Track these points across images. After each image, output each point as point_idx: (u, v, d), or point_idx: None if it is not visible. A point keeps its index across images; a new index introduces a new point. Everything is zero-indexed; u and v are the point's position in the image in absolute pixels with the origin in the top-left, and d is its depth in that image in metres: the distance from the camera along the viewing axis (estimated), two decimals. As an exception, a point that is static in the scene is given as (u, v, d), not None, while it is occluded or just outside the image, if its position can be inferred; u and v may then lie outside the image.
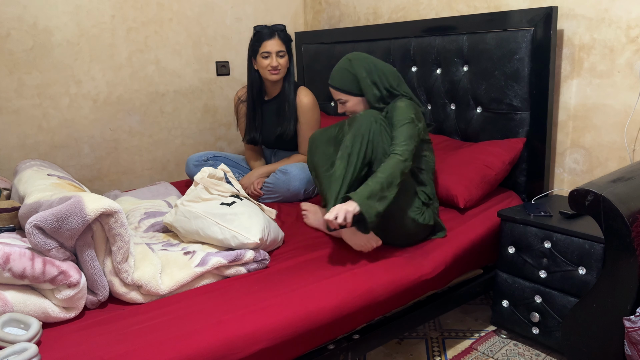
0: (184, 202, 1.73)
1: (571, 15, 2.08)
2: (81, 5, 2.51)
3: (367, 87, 1.80)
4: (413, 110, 1.74)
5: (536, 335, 1.84)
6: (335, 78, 1.85)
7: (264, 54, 2.27)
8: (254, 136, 2.44)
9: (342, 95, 1.85)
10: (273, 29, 2.28)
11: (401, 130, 1.68)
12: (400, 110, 1.72)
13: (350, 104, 1.85)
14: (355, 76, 1.80)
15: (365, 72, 1.80)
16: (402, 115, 1.71)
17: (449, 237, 1.83)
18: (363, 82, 1.80)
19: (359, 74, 1.80)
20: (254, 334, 1.30)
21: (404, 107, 1.73)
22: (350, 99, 1.84)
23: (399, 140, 1.67)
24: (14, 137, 2.44)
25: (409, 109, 1.73)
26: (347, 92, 1.83)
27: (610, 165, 2.06)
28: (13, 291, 1.28)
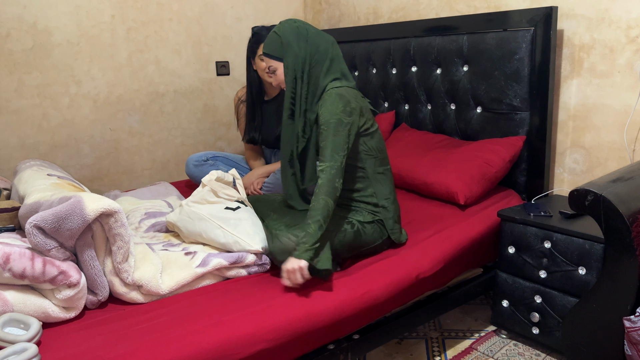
0: (189, 202, 1.73)
1: (571, 15, 2.08)
2: (81, 5, 2.51)
3: (288, 54, 1.61)
4: (342, 103, 1.54)
5: (536, 335, 1.84)
6: (265, 44, 1.67)
7: (261, 56, 2.27)
8: (254, 136, 2.44)
9: (270, 62, 1.65)
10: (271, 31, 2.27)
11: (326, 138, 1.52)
12: (325, 108, 1.55)
13: (280, 71, 1.66)
14: (281, 41, 1.62)
15: (292, 36, 1.61)
16: (328, 114, 1.53)
17: (448, 234, 1.82)
18: (286, 49, 1.61)
19: (285, 37, 1.61)
20: (254, 334, 1.29)
21: (329, 104, 1.55)
22: (279, 65, 1.65)
23: (324, 153, 1.51)
24: (14, 137, 2.43)
25: (336, 103, 1.54)
26: (274, 57, 1.64)
27: (610, 165, 2.06)
28: (13, 291, 1.27)
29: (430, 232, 1.83)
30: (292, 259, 1.43)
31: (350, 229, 1.62)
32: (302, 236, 1.47)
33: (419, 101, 2.52)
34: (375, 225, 1.68)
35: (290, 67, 1.61)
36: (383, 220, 1.69)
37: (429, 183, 2.09)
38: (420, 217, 1.96)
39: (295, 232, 1.54)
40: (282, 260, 1.51)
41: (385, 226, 1.69)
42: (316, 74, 1.62)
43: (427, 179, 2.10)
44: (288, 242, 1.52)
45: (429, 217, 1.95)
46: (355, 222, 1.64)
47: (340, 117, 1.53)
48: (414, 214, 1.99)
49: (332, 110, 1.54)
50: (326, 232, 1.51)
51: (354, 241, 1.62)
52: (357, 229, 1.63)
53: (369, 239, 1.66)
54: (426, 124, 2.52)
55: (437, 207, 2.04)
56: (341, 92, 1.57)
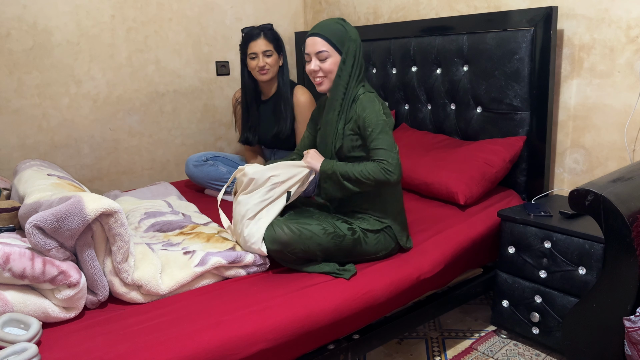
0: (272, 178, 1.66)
1: (571, 15, 2.07)
2: (81, 5, 2.50)
3: (350, 51, 1.61)
4: (379, 105, 1.60)
5: (536, 335, 1.84)
6: (322, 27, 1.62)
7: (251, 55, 2.28)
8: (247, 136, 2.45)
9: (326, 47, 1.60)
10: (260, 29, 2.28)
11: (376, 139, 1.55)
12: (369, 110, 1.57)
13: (332, 61, 1.61)
14: (347, 34, 1.61)
15: (356, 36, 1.63)
16: (374, 116, 1.56)
17: (448, 235, 1.83)
18: (349, 44, 1.60)
19: (351, 34, 1.62)
20: (254, 334, 1.29)
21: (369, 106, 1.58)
22: (334, 54, 1.61)
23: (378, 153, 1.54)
24: (14, 137, 2.43)
25: (376, 105, 1.58)
26: (333, 44, 1.60)
27: (610, 165, 2.06)
28: (13, 291, 1.27)
29: (430, 233, 1.83)
30: (318, 161, 1.63)
31: (350, 236, 1.60)
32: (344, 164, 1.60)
33: (419, 101, 2.52)
34: (381, 236, 1.66)
35: (350, 63, 1.62)
36: (391, 226, 1.68)
37: (429, 183, 2.09)
38: (421, 218, 1.96)
39: (291, 225, 1.54)
40: (272, 250, 1.53)
41: (394, 232, 1.68)
42: (360, 78, 1.65)
43: (427, 179, 2.10)
44: (281, 233, 1.52)
45: (429, 218, 1.95)
46: (358, 230, 1.63)
47: (383, 117, 1.57)
48: (414, 214, 1.99)
49: (376, 112, 1.57)
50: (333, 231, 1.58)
51: (352, 248, 1.61)
52: (358, 237, 1.62)
53: (370, 249, 1.64)
54: (426, 124, 2.52)
55: (437, 207, 2.04)
56: (376, 96, 1.63)
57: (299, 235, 1.52)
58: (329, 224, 1.59)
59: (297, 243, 1.52)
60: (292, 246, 1.52)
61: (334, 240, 1.57)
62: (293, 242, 1.52)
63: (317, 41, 1.61)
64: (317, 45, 1.61)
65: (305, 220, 1.59)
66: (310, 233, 1.54)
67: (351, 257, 1.63)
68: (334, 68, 1.62)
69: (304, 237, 1.53)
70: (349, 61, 1.61)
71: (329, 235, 1.56)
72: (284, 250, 1.52)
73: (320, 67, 1.63)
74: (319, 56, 1.62)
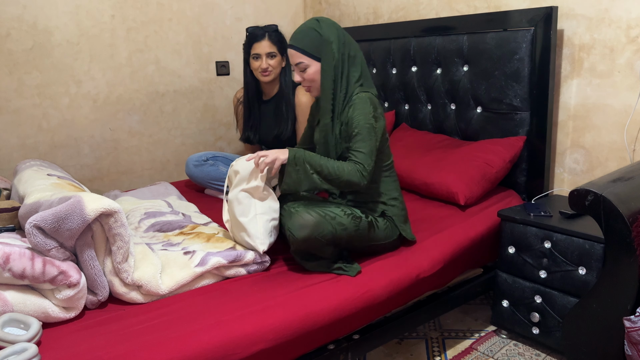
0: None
1: (571, 15, 2.07)
2: (81, 5, 2.51)
3: (328, 55, 1.57)
4: (372, 108, 1.57)
5: (536, 335, 1.84)
6: (297, 37, 1.59)
7: (255, 56, 2.28)
8: (249, 135, 2.45)
9: (303, 58, 1.59)
10: (264, 30, 2.27)
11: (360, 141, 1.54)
12: (358, 111, 1.56)
13: (312, 70, 1.60)
14: (322, 37, 1.57)
15: (334, 36, 1.58)
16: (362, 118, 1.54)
17: (448, 234, 1.83)
18: (326, 48, 1.56)
19: (327, 36, 1.57)
20: (254, 334, 1.29)
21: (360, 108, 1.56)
22: (312, 63, 1.59)
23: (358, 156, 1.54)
24: (14, 137, 2.43)
25: (368, 107, 1.56)
26: (309, 54, 1.58)
27: (610, 165, 2.06)
28: (13, 291, 1.27)
29: (430, 232, 1.83)
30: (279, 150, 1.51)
31: (365, 218, 1.62)
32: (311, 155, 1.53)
33: (419, 101, 2.52)
34: (387, 222, 1.69)
35: (330, 67, 1.58)
36: (393, 217, 1.70)
37: (429, 183, 2.09)
38: (421, 218, 1.96)
39: (316, 209, 1.52)
40: (301, 237, 1.48)
41: (395, 223, 1.70)
42: (351, 77, 1.61)
43: (427, 179, 2.10)
44: (309, 217, 1.49)
45: (429, 218, 1.95)
46: (370, 215, 1.65)
47: (372, 122, 1.55)
48: (414, 215, 1.99)
49: (365, 114, 1.55)
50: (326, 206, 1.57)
51: (368, 232, 1.62)
52: (371, 220, 1.64)
53: (381, 234, 1.66)
54: (426, 124, 2.52)
55: (437, 207, 2.04)
56: (370, 96, 1.60)
57: (324, 217, 1.51)
58: (346, 207, 1.61)
59: (325, 224, 1.50)
60: (321, 228, 1.49)
61: (354, 222, 1.58)
62: (322, 224, 1.50)
63: (292, 53, 1.61)
64: (294, 57, 1.61)
65: (324, 205, 1.59)
66: (333, 214, 1.54)
67: (366, 243, 1.64)
68: (316, 76, 1.62)
69: (329, 219, 1.52)
70: (329, 65, 1.58)
71: (348, 217, 1.57)
72: (314, 234, 1.48)
73: (303, 77, 1.64)
74: (298, 67, 1.62)
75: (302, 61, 1.60)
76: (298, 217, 1.50)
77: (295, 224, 1.49)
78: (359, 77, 1.63)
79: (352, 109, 1.58)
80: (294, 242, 1.51)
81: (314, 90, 1.67)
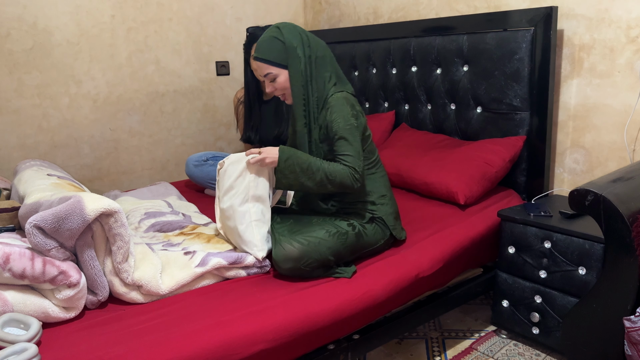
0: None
1: (571, 15, 2.07)
2: (81, 5, 2.51)
3: (294, 60, 1.56)
4: (350, 107, 1.56)
5: (536, 335, 1.84)
6: (260, 49, 1.57)
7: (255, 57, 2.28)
8: (249, 135, 2.45)
9: (271, 69, 1.58)
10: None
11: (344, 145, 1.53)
12: (336, 114, 1.54)
13: (282, 79, 1.59)
14: (285, 46, 1.56)
15: (297, 41, 1.57)
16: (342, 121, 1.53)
17: (448, 234, 1.83)
18: (291, 55, 1.55)
19: (289, 42, 1.56)
20: (254, 335, 1.29)
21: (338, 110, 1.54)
22: (280, 72, 1.58)
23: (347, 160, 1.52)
24: (14, 137, 2.43)
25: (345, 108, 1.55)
26: (276, 64, 1.57)
27: (610, 165, 2.06)
28: (13, 291, 1.27)
29: (430, 232, 1.83)
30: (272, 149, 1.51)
31: (352, 231, 1.61)
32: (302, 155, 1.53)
33: (419, 101, 2.52)
34: (376, 225, 1.67)
35: (298, 72, 1.57)
36: (382, 217, 1.68)
37: (429, 183, 2.09)
38: (420, 217, 1.96)
39: (298, 239, 1.52)
40: (286, 268, 1.49)
41: (386, 222, 1.68)
42: (322, 78, 1.60)
43: (427, 178, 2.10)
44: (291, 249, 1.49)
45: (429, 217, 1.95)
46: (356, 224, 1.64)
47: (352, 122, 1.54)
48: (414, 214, 1.99)
49: (344, 116, 1.54)
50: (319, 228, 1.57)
51: (357, 243, 1.61)
52: (359, 230, 1.62)
53: (371, 239, 1.65)
54: (426, 124, 2.52)
55: (437, 207, 2.04)
56: (345, 96, 1.58)
57: (307, 245, 1.50)
58: (330, 225, 1.59)
59: (309, 253, 1.50)
60: (304, 258, 1.49)
61: (340, 240, 1.57)
62: (305, 254, 1.49)
63: (260, 65, 1.61)
64: (262, 69, 1.60)
65: (307, 228, 1.58)
66: (317, 239, 1.53)
67: (358, 252, 1.63)
68: (287, 84, 1.61)
69: (312, 245, 1.51)
70: (297, 71, 1.57)
71: (333, 237, 1.56)
72: (299, 265, 1.49)
73: (274, 87, 1.63)
74: (268, 78, 1.62)
75: (270, 72, 1.59)
76: (280, 248, 1.50)
77: (279, 255, 1.50)
78: (330, 77, 1.61)
79: (329, 112, 1.57)
80: (281, 271, 1.52)
81: (288, 97, 1.65)
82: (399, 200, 2.12)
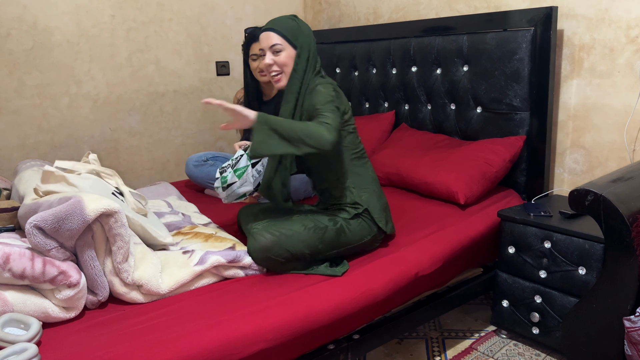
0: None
1: (571, 15, 2.08)
2: (81, 5, 2.51)
3: (304, 46, 1.62)
4: (332, 88, 1.59)
5: (536, 335, 1.84)
6: (276, 22, 1.64)
7: (253, 57, 2.28)
8: (249, 135, 2.45)
9: (280, 40, 1.61)
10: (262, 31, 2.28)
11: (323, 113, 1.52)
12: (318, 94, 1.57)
13: (285, 54, 1.62)
14: (300, 29, 1.64)
15: (308, 31, 1.66)
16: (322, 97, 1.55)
17: (448, 233, 1.82)
18: (302, 39, 1.62)
19: (303, 29, 1.64)
20: (254, 334, 1.29)
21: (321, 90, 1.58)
22: (287, 48, 1.62)
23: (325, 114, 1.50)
24: (14, 137, 2.44)
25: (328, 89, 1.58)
26: (287, 39, 1.62)
27: (610, 165, 2.06)
28: (13, 291, 1.27)
29: (430, 231, 1.83)
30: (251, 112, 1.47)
31: (332, 226, 1.61)
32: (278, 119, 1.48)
33: (419, 101, 2.52)
34: (362, 220, 1.66)
35: (304, 58, 1.63)
36: (368, 209, 1.67)
37: (429, 183, 2.09)
38: (420, 217, 1.96)
39: (271, 230, 1.54)
40: (258, 259, 1.53)
41: (371, 215, 1.67)
42: (314, 71, 1.66)
43: (427, 178, 2.10)
44: (262, 239, 1.52)
45: (429, 217, 1.95)
46: (340, 220, 1.64)
47: (332, 100, 1.55)
48: (414, 214, 1.99)
49: (325, 94, 1.56)
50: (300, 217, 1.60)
51: (337, 239, 1.61)
52: (341, 226, 1.62)
53: (355, 236, 1.65)
54: (426, 124, 2.52)
55: (437, 206, 2.04)
56: (330, 81, 1.64)
57: (278, 237, 1.53)
58: (308, 220, 1.60)
59: (279, 245, 1.52)
60: (274, 249, 1.52)
61: (316, 234, 1.57)
62: (276, 245, 1.52)
63: (270, 35, 1.62)
64: (271, 39, 1.62)
65: (285, 222, 1.59)
66: (291, 232, 1.55)
67: (338, 248, 1.63)
68: (288, 62, 1.63)
69: (284, 238, 1.53)
70: (304, 55, 1.63)
71: (309, 230, 1.57)
72: (269, 255, 1.52)
73: (274, 61, 1.64)
74: (273, 49, 1.63)
75: (278, 43, 1.61)
76: (253, 239, 1.54)
77: (251, 245, 1.54)
78: (319, 70, 1.68)
79: (314, 94, 1.59)
80: (258, 263, 1.56)
81: (283, 79, 1.66)
82: (399, 200, 2.12)
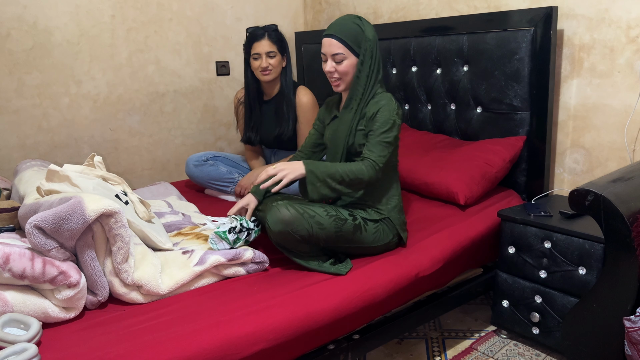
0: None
1: (571, 15, 2.07)
2: (81, 5, 2.50)
3: (367, 52, 1.59)
4: (396, 105, 1.61)
5: (536, 335, 1.84)
6: (337, 27, 1.59)
7: (255, 56, 2.28)
8: (250, 136, 2.45)
9: (342, 49, 1.58)
10: (264, 30, 2.28)
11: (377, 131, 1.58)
12: (385, 106, 1.59)
13: (347, 63, 1.60)
14: (364, 34, 1.58)
15: (372, 35, 1.61)
16: (387, 112, 1.58)
17: (448, 234, 1.83)
18: (366, 45, 1.58)
19: (367, 33, 1.59)
20: (254, 334, 1.30)
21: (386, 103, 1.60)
22: (349, 56, 1.59)
23: (372, 149, 1.58)
24: (14, 137, 2.43)
25: (393, 104, 1.60)
26: (349, 47, 1.58)
27: (610, 165, 2.06)
28: (13, 291, 1.27)
29: (430, 231, 1.83)
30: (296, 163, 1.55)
31: (351, 221, 1.61)
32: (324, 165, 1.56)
33: (419, 101, 2.52)
34: (380, 226, 1.67)
35: (367, 65, 1.61)
36: (390, 218, 1.68)
37: (429, 183, 2.09)
38: (421, 217, 1.96)
39: (295, 206, 1.53)
40: (276, 232, 1.51)
41: (394, 223, 1.69)
42: (377, 78, 1.65)
43: (427, 179, 2.10)
44: (285, 212, 1.50)
45: (429, 217, 1.96)
46: (359, 218, 1.64)
47: (391, 127, 1.58)
48: (414, 214, 1.99)
49: (390, 110, 1.58)
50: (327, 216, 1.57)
51: (352, 235, 1.61)
52: (359, 223, 1.62)
53: (369, 237, 1.65)
54: (426, 124, 2.52)
55: (438, 207, 2.05)
56: (390, 97, 1.64)
57: (302, 214, 1.52)
58: (331, 208, 1.60)
59: (301, 222, 1.51)
60: (295, 225, 1.50)
61: (336, 223, 1.57)
62: (296, 221, 1.51)
63: (332, 43, 1.60)
64: (333, 47, 1.60)
65: (308, 204, 1.59)
66: (314, 213, 1.54)
67: (350, 244, 1.63)
68: (349, 70, 1.62)
69: (307, 217, 1.52)
70: (367, 62, 1.61)
71: (331, 217, 1.57)
72: (288, 229, 1.50)
73: (335, 69, 1.63)
74: (335, 58, 1.61)
75: (340, 52, 1.59)
76: (276, 210, 1.52)
77: (272, 217, 1.52)
78: (381, 78, 1.67)
79: (377, 105, 1.60)
80: (271, 235, 1.54)
81: (342, 84, 1.66)
82: (399, 200, 2.12)
